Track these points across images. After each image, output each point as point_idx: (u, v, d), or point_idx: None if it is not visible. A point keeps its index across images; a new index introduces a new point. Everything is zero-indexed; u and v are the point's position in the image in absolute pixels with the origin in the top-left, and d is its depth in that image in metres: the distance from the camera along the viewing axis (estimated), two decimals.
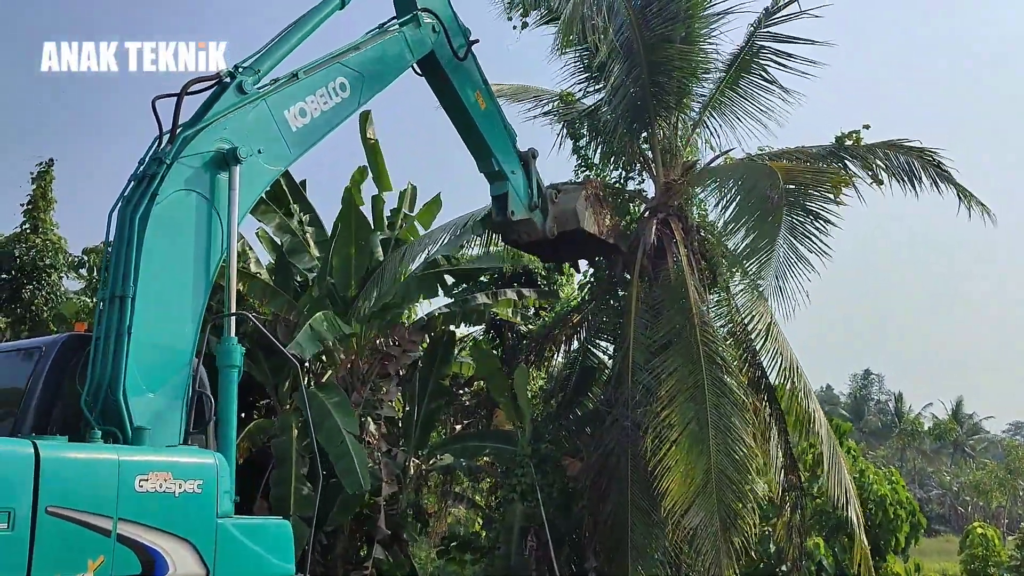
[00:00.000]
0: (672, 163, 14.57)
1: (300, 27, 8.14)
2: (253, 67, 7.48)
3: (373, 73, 8.59)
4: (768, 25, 13.79)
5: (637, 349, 13.13)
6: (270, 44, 7.83)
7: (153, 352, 6.28)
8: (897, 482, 20.73)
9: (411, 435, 15.22)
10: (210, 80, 7.27)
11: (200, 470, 5.82)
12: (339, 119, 8.18)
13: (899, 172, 13.36)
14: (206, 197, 6.78)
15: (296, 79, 7.74)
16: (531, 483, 13.71)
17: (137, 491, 5.38)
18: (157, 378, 6.28)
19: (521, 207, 11.59)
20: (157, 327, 6.34)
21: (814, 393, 14.35)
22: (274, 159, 7.46)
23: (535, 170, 11.83)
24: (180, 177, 6.65)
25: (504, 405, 14.93)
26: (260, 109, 7.33)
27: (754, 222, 11.56)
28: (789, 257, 11.13)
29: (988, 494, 53.79)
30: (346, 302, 14.41)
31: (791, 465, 14.55)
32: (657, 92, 13.97)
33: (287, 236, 15.29)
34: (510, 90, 15.48)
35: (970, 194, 13.48)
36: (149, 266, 6.34)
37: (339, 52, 8.32)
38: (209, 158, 6.83)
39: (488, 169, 11.20)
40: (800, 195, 11.68)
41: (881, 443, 68.84)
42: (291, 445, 12.79)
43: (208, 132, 6.89)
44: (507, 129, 11.27)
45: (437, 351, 15.41)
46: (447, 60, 9.92)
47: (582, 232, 12.59)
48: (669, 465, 11.88)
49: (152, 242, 6.39)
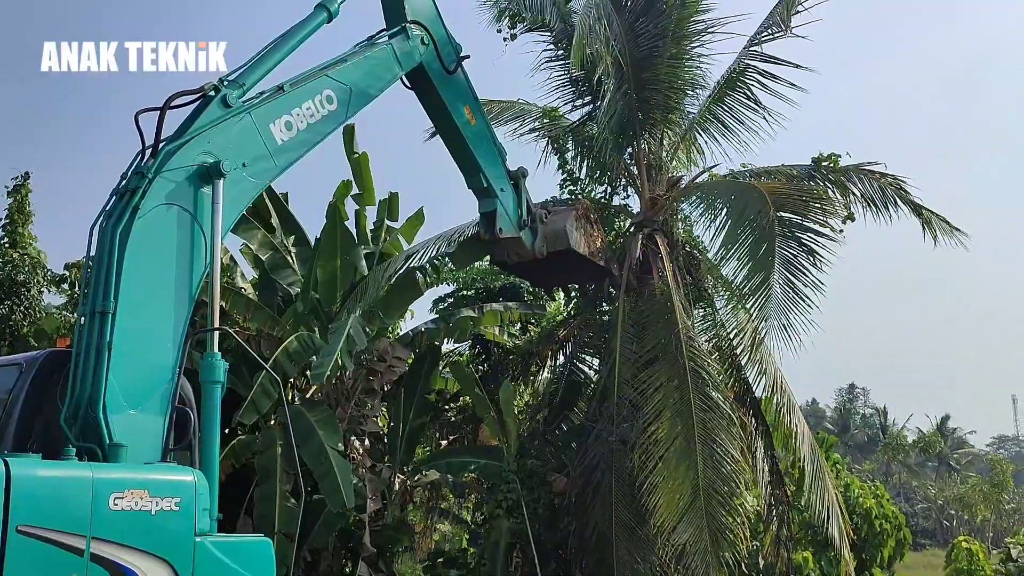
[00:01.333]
0: (657, 178, 14.63)
1: (287, 40, 8.09)
2: (238, 80, 7.42)
3: (361, 86, 8.55)
4: (755, 44, 13.88)
5: (623, 364, 13.12)
6: (256, 57, 7.77)
7: (134, 368, 6.20)
8: (882, 496, 20.78)
9: (396, 451, 15.12)
10: (194, 94, 7.19)
11: (178, 487, 5.71)
12: (326, 132, 8.11)
13: (872, 199, 13.52)
14: (189, 211, 6.70)
15: (282, 92, 7.68)
16: (517, 499, 13.64)
17: (112, 509, 5.28)
18: (138, 394, 6.19)
19: (510, 225, 11.52)
20: (138, 343, 6.26)
21: (799, 408, 14.39)
22: (259, 173, 7.39)
23: (525, 189, 11.78)
24: (162, 191, 6.57)
25: (489, 421, 14.88)
26: (245, 122, 7.26)
27: (747, 252, 11.54)
28: (787, 292, 11.17)
29: (973, 508, 54.02)
30: (330, 317, 14.33)
31: (777, 479, 14.57)
32: (644, 107, 14.05)
33: (270, 252, 15.21)
34: (497, 107, 15.52)
35: (940, 220, 13.66)
36: (130, 281, 6.26)
37: (326, 64, 8.27)
38: (192, 172, 6.75)
39: (477, 185, 11.14)
40: (793, 227, 11.69)
41: (867, 457, 69.10)
42: (275, 461, 12.66)
43: (191, 146, 6.82)
44: (497, 146, 11.22)
45: (422, 367, 15.34)
46: (436, 74, 9.89)
47: (572, 253, 12.53)
48: (657, 481, 11.86)
49: (133, 257, 6.31)
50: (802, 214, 11.87)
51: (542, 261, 12.38)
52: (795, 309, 11.06)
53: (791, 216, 11.78)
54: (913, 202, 13.59)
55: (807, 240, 11.55)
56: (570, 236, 12.37)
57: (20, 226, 19.10)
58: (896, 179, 13.72)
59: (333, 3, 8.56)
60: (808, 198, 12.37)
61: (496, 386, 15.08)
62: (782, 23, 13.31)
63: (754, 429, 14.29)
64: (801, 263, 11.35)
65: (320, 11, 8.51)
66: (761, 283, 11.14)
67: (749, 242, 11.59)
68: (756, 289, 11.21)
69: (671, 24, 13.93)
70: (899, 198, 13.47)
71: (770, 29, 13.62)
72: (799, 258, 11.40)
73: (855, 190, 13.51)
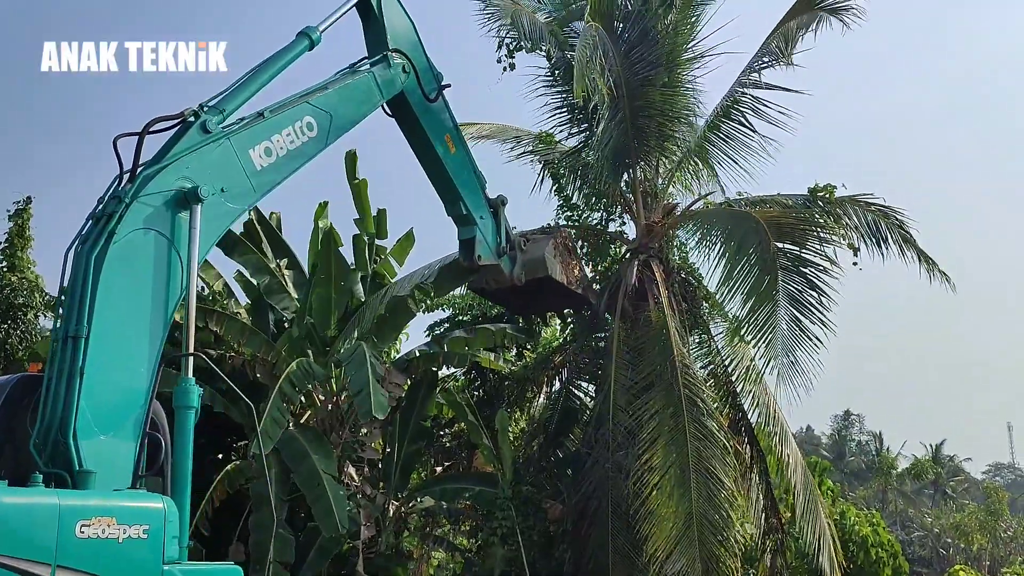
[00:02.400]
0: (653, 205, 14.71)
1: (268, 67, 8.11)
2: (218, 107, 7.44)
3: (341, 112, 8.58)
4: (751, 72, 14.01)
5: (618, 391, 13.13)
6: (237, 84, 7.79)
7: (106, 393, 6.15)
8: (878, 524, 20.73)
9: (391, 477, 15.06)
10: (174, 119, 7.22)
11: (146, 515, 5.63)
12: (306, 158, 8.13)
13: (867, 233, 13.54)
14: (166, 236, 6.70)
15: (262, 118, 7.71)
16: (512, 526, 13.58)
17: (78, 537, 5.20)
18: (110, 420, 6.13)
19: (488, 252, 11.59)
20: (111, 368, 6.22)
21: (794, 435, 14.39)
22: (237, 198, 7.39)
23: (504, 217, 11.87)
24: (139, 216, 6.57)
25: (484, 448, 14.84)
26: (224, 148, 7.28)
27: (749, 288, 11.56)
28: (792, 330, 11.20)
29: (969, 536, 53.77)
30: (325, 342, 14.33)
31: (772, 507, 14.53)
32: (639, 135, 14.14)
33: (265, 277, 15.24)
34: (490, 130, 15.60)
35: (931, 261, 13.69)
36: (104, 306, 6.24)
37: (307, 91, 8.31)
38: (170, 197, 6.75)
39: (456, 213, 11.22)
40: (795, 260, 11.72)
41: (862, 484, 68.81)
42: (270, 488, 12.62)
43: (169, 171, 6.83)
44: (477, 174, 11.30)
45: (418, 392, 15.32)
46: (417, 102, 9.96)
47: (550, 281, 12.58)
48: (651, 509, 11.83)
49: (108, 282, 6.29)
50: (801, 244, 11.91)
51: (521, 289, 12.45)
52: (802, 347, 11.08)
53: (792, 248, 11.81)
54: (908, 237, 13.56)
55: (810, 275, 11.56)
56: (548, 264, 12.45)
57: (20, 250, 19.12)
58: (891, 210, 13.73)
59: (315, 31, 8.61)
60: (806, 227, 12.44)
61: (492, 412, 15.06)
62: (781, 52, 13.44)
63: (749, 457, 14.28)
64: (807, 299, 11.36)
65: (302, 38, 8.56)
66: (766, 320, 11.17)
67: (751, 277, 11.61)
68: (761, 327, 11.23)
69: (665, 53, 14.06)
70: (891, 232, 13.46)
71: (765, 58, 13.75)
72: (804, 294, 11.41)
73: (850, 222, 13.53)
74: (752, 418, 14.24)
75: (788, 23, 13.55)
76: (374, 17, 9.65)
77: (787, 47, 13.28)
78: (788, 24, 13.55)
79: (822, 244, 11.99)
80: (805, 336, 11.18)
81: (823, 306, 11.38)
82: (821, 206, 13.69)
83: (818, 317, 11.31)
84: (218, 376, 14.46)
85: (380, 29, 9.62)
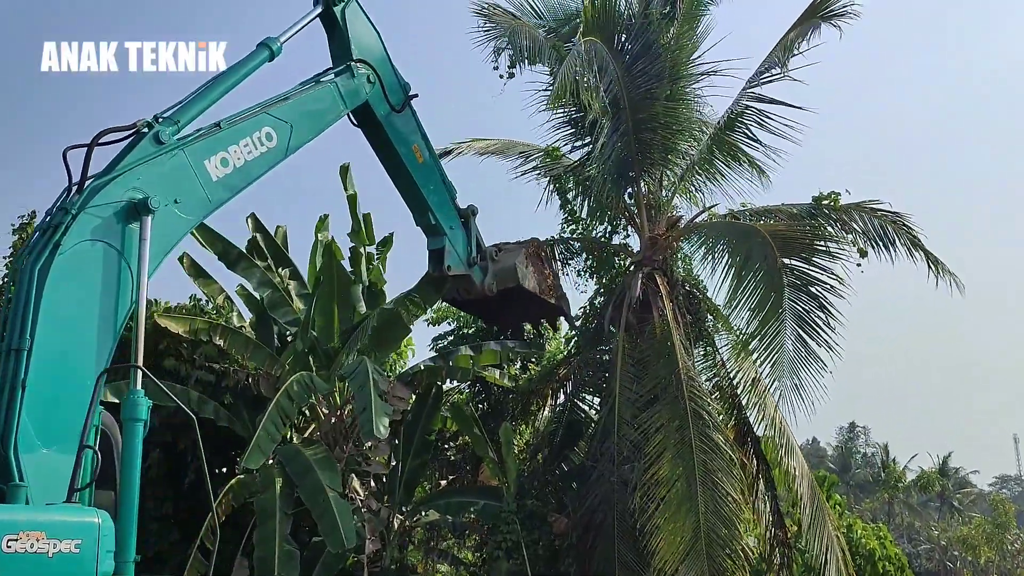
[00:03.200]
0: (657, 218, 14.71)
1: (226, 78, 8.07)
2: (173, 117, 7.40)
3: (302, 123, 8.56)
4: (754, 86, 14.02)
5: (623, 404, 13.08)
6: (193, 95, 7.74)
7: (49, 406, 6.07)
8: (885, 537, 20.63)
9: (395, 491, 15.01)
10: (126, 130, 7.16)
11: (79, 529, 5.54)
12: (265, 168, 8.10)
13: (874, 237, 13.50)
14: (115, 248, 6.64)
15: (219, 129, 7.67)
16: (517, 540, 13.51)
17: (4, 552, 5.12)
18: (53, 433, 6.05)
19: (459, 262, 11.60)
20: (55, 381, 6.15)
21: (800, 447, 14.32)
22: (191, 209, 7.34)
23: (475, 226, 11.87)
24: (86, 228, 6.51)
25: (489, 461, 14.79)
26: (178, 159, 7.24)
27: (756, 305, 11.52)
28: (799, 351, 11.16)
29: (976, 549, 53.47)
30: (329, 355, 14.32)
31: (778, 520, 14.46)
32: (642, 148, 14.15)
33: (268, 290, 15.24)
34: (497, 146, 15.63)
35: (940, 263, 13.63)
36: (48, 318, 6.18)
37: (267, 102, 8.28)
38: (120, 208, 6.70)
39: (425, 223, 11.23)
40: (802, 276, 11.68)
41: (868, 496, 68.52)
42: (274, 502, 12.56)
43: (119, 182, 6.77)
44: (446, 184, 11.29)
45: (423, 406, 15.28)
46: (383, 112, 9.95)
47: (522, 290, 12.56)
48: (658, 523, 11.77)
49: (52, 294, 6.22)
50: (808, 258, 11.86)
51: (493, 299, 12.42)
52: (807, 369, 11.04)
53: (799, 265, 11.76)
54: (916, 241, 13.52)
55: (817, 292, 11.52)
56: (520, 273, 12.45)
57: None
58: (898, 216, 13.69)
59: (275, 41, 8.58)
60: (812, 239, 12.40)
61: (496, 425, 15.01)
62: (779, 64, 13.45)
63: (755, 469, 14.22)
64: (814, 320, 11.31)
65: (262, 49, 8.52)
66: (772, 339, 11.13)
67: (757, 295, 11.56)
68: (768, 345, 11.19)
69: (667, 66, 14.09)
70: (899, 236, 13.42)
71: (770, 70, 13.77)
72: (811, 314, 11.36)
73: (857, 228, 13.50)
74: (758, 431, 14.20)
75: (789, 35, 13.58)
76: (338, 28, 9.64)
77: (785, 56, 13.30)
78: (789, 35, 13.57)
79: (831, 259, 11.91)
80: (811, 359, 11.12)
81: (829, 327, 11.31)
82: (827, 213, 13.67)
83: (824, 339, 11.24)
84: (221, 390, 14.51)
85: (344, 40, 9.61)
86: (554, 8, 15.96)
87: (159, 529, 14.06)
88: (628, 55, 14.35)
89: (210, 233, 14.69)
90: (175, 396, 7.51)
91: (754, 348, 11.62)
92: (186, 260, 15.13)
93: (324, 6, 9.58)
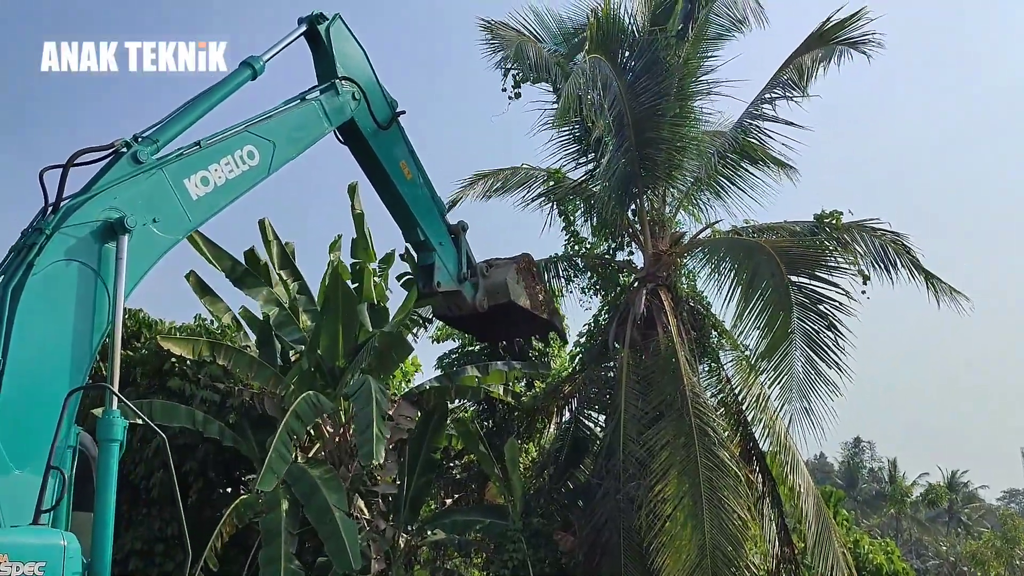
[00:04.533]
0: (661, 234, 14.73)
1: (206, 98, 8.01)
2: (152, 137, 7.37)
3: (285, 141, 8.52)
4: (761, 104, 14.07)
5: (628, 421, 13.07)
6: (172, 114, 7.72)
7: (22, 427, 6.01)
8: (893, 552, 20.49)
9: (401, 510, 14.97)
10: (103, 150, 7.13)
11: (43, 552, 5.51)
12: (247, 186, 8.07)
13: (875, 258, 13.51)
14: (91, 267, 6.60)
15: (199, 148, 7.63)
16: (523, 558, 13.45)
17: None
18: (25, 454, 5.99)
19: (448, 278, 11.56)
20: (27, 402, 6.08)
21: (806, 463, 14.27)
22: (170, 228, 7.30)
23: (465, 242, 11.85)
24: (61, 247, 6.47)
25: (495, 479, 14.76)
26: (156, 178, 7.20)
27: (764, 324, 11.50)
28: (808, 372, 11.15)
29: (986, 564, 53.09)
30: (334, 374, 14.31)
31: (785, 537, 14.39)
32: (646, 165, 14.19)
33: (275, 308, 15.25)
34: (499, 179, 15.70)
35: (941, 283, 13.62)
36: (22, 339, 6.13)
37: (249, 120, 8.24)
38: (96, 228, 6.67)
39: (414, 239, 11.20)
40: (810, 294, 11.67)
41: (875, 511, 68.18)
42: (280, 522, 12.52)
43: (95, 201, 6.75)
44: (435, 200, 11.27)
45: (428, 424, 15.26)
46: (369, 129, 9.92)
47: (513, 306, 12.52)
48: (664, 541, 11.72)
49: (26, 314, 6.18)
50: (815, 275, 11.84)
51: (484, 315, 12.37)
52: (817, 392, 11.03)
53: (807, 282, 11.75)
54: (916, 262, 13.53)
55: (826, 310, 11.50)
56: (511, 289, 12.42)
57: None
58: (898, 236, 13.73)
59: (258, 60, 8.54)
60: (818, 257, 12.41)
61: (501, 443, 14.99)
62: (795, 85, 13.51)
63: (761, 486, 14.17)
64: (823, 341, 11.28)
65: (244, 68, 8.49)
66: (781, 360, 11.11)
67: (766, 314, 11.53)
68: (777, 365, 11.17)
69: (673, 84, 14.14)
70: (900, 256, 13.43)
71: (776, 89, 13.82)
72: (820, 333, 11.33)
73: (859, 249, 13.50)
74: (763, 447, 14.16)
75: (802, 56, 13.61)
76: (323, 46, 9.63)
77: (801, 80, 13.34)
78: (802, 58, 13.60)
79: (831, 273, 11.90)
80: (820, 382, 11.10)
81: (839, 348, 11.27)
82: (828, 232, 13.68)
83: (834, 361, 11.20)
84: (227, 409, 14.50)
85: (329, 58, 9.60)
86: (555, 29, 16.08)
87: (164, 550, 14.03)
88: (631, 73, 14.42)
89: (217, 249, 14.73)
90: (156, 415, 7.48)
91: (763, 369, 11.58)
92: (192, 278, 15.17)
93: (308, 25, 9.57)
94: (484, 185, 15.96)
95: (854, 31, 13.40)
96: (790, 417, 11.16)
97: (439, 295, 11.69)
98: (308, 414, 12.78)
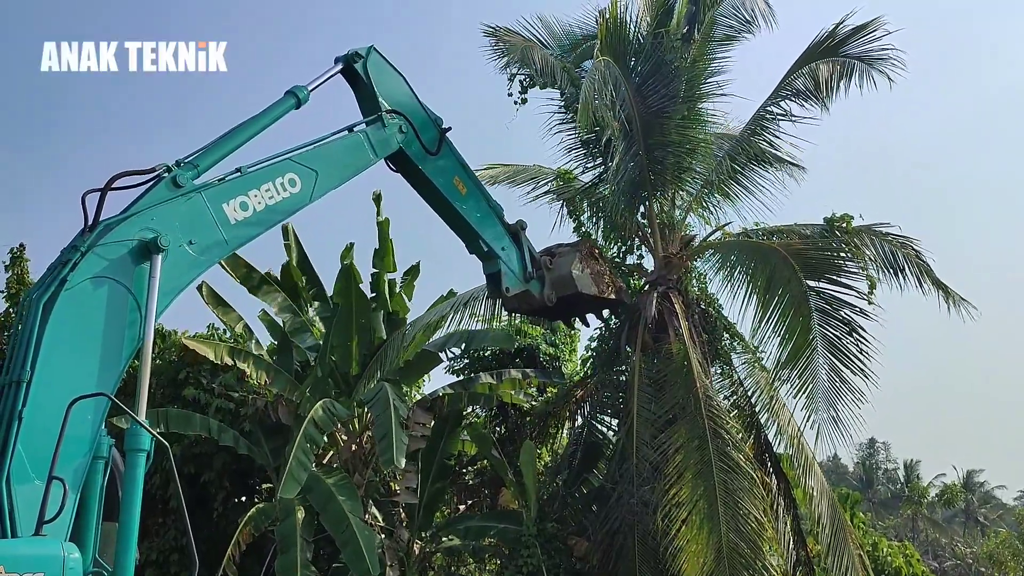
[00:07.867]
0: (671, 237, 14.71)
1: (250, 125, 7.96)
2: (193, 162, 7.38)
3: (329, 170, 8.42)
4: (770, 105, 14.04)
5: (641, 424, 13.04)
6: (215, 141, 7.70)
7: (45, 438, 6.02)
8: (912, 555, 20.40)
9: (415, 516, 15.00)
10: (144, 173, 7.15)
11: (42, 562, 5.48)
12: (288, 212, 8.00)
13: (885, 263, 13.42)
14: (124, 285, 6.64)
15: (240, 174, 7.62)
16: (537, 564, 13.44)
17: None
18: (46, 465, 5.96)
19: (516, 281, 11.50)
20: (53, 413, 6.11)
21: (820, 465, 14.20)
22: (206, 250, 7.30)
23: (526, 240, 11.79)
24: (96, 265, 6.53)
25: (509, 484, 14.76)
26: (194, 201, 7.21)
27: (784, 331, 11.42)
28: (832, 380, 11.08)
29: (1003, 565, 52.72)
30: (348, 381, 14.38)
31: (800, 539, 14.33)
32: (655, 168, 14.18)
33: (290, 316, 15.34)
34: (507, 172, 15.69)
35: (949, 291, 13.53)
36: (51, 352, 6.19)
37: (292, 149, 8.27)
38: (132, 247, 6.72)
39: (477, 250, 11.13)
40: (828, 299, 11.58)
41: (891, 513, 67.78)
42: (295, 530, 12.58)
43: (132, 221, 6.79)
44: (492, 206, 11.24)
45: (443, 431, 15.30)
46: (418, 155, 9.89)
47: (581, 294, 12.53)
48: (680, 545, 11.69)
49: (56, 328, 6.25)
50: (831, 279, 11.75)
51: (555, 304, 12.40)
52: (843, 399, 10.95)
53: (825, 287, 11.66)
54: (926, 268, 13.43)
55: (847, 316, 11.40)
56: (577, 280, 12.37)
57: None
58: (908, 240, 13.64)
59: (303, 89, 8.54)
60: (835, 260, 12.33)
61: (514, 448, 14.98)
62: (812, 96, 13.48)
63: (775, 488, 14.11)
64: (846, 347, 11.18)
65: (288, 97, 8.43)
66: (805, 369, 11.03)
67: (785, 320, 11.43)
68: (801, 374, 11.08)
69: (681, 86, 14.13)
70: (909, 262, 13.34)
71: (790, 98, 13.81)
72: (843, 340, 11.23)
73: (869, 254, 13.42)
74: (778, 449, 14.10)
75: (817, 64, 13.56)
76: (362, 82, 9.65)
77: (818, 90, 13.29)
78: (819, 67, 13.55)
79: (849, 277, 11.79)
80: (846, 388, 11.02)
81: (863, 354, 11.17)
82: (839, 235, 13.60)
83: (859, 367, 11.11)
84: (241, 418, 14.56)
85: (371, 92, 9.59)
86: (561, 36, 16.09)
87: (180, 560, 14.10)
88: (638, 76, 14.42)
89: (233, 257, 14.80)
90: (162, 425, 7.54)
91: (786, 379, 11.49)
92: (204, 289, 15.26)
93: (344, 63, 9.59)
94: (491, 175, 15.91)
95: (869, 43, 13.25)
96: (817, 428, 11.04)
97: (509, 298, 11.69)
98: (325, 421, 12.83)
